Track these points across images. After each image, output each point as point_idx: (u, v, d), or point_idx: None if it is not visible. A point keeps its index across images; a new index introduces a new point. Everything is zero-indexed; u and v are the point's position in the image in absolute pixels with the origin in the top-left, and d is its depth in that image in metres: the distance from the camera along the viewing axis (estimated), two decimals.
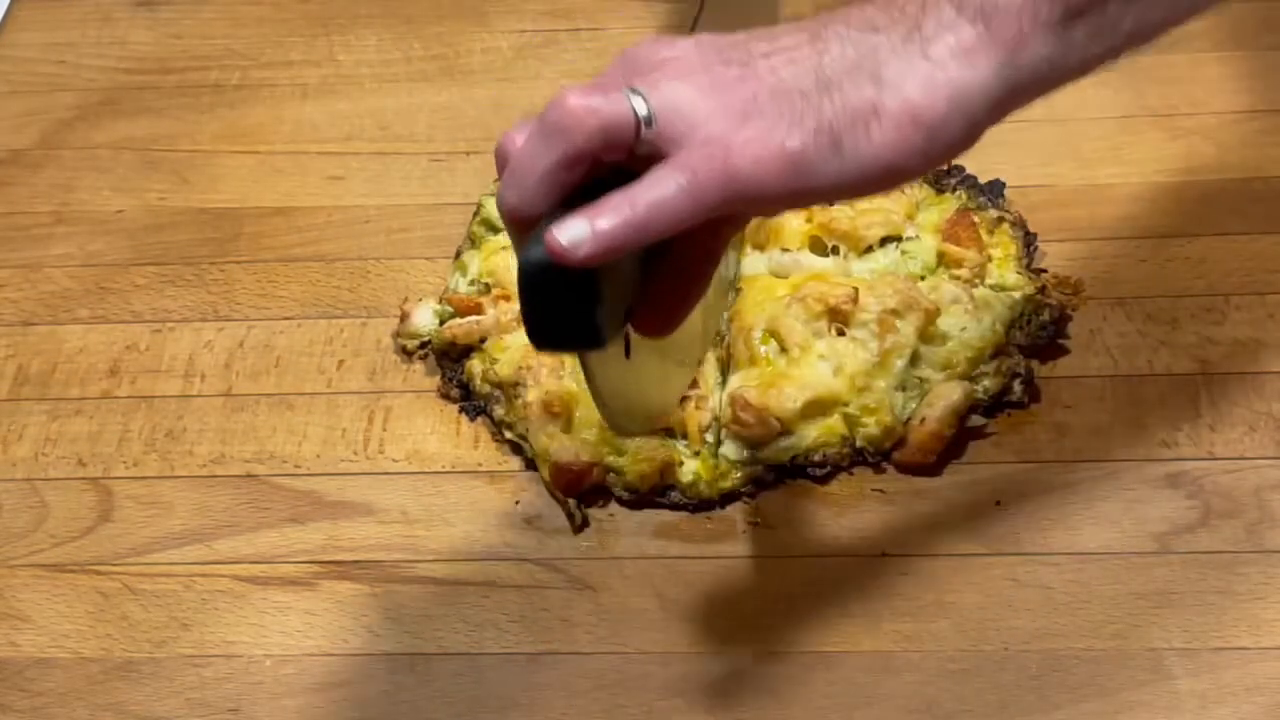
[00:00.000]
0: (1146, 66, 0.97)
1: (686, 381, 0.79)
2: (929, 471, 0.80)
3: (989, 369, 0.82)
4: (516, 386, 0.82)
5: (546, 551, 0.78)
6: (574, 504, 0.80)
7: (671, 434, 0.80)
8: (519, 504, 0.81)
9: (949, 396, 0.80)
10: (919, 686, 0.72)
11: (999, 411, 0.82)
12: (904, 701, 0.72)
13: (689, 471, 0.79)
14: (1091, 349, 0.84)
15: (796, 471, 0.80)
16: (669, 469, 0.79)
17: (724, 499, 0.80)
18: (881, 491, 0.80)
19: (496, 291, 0.87)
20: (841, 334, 0.81)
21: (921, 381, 0.81)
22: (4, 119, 1.04)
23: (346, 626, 0.76)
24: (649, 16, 1.06)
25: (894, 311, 0.81)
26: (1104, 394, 0.82)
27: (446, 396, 0.86)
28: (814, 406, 0.80)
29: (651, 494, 0.80)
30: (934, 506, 0.79)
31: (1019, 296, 0.84)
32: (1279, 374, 0.82)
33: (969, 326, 0.82)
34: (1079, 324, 0.85)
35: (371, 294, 0.91)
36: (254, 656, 0.76)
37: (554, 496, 0.80)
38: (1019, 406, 0.82)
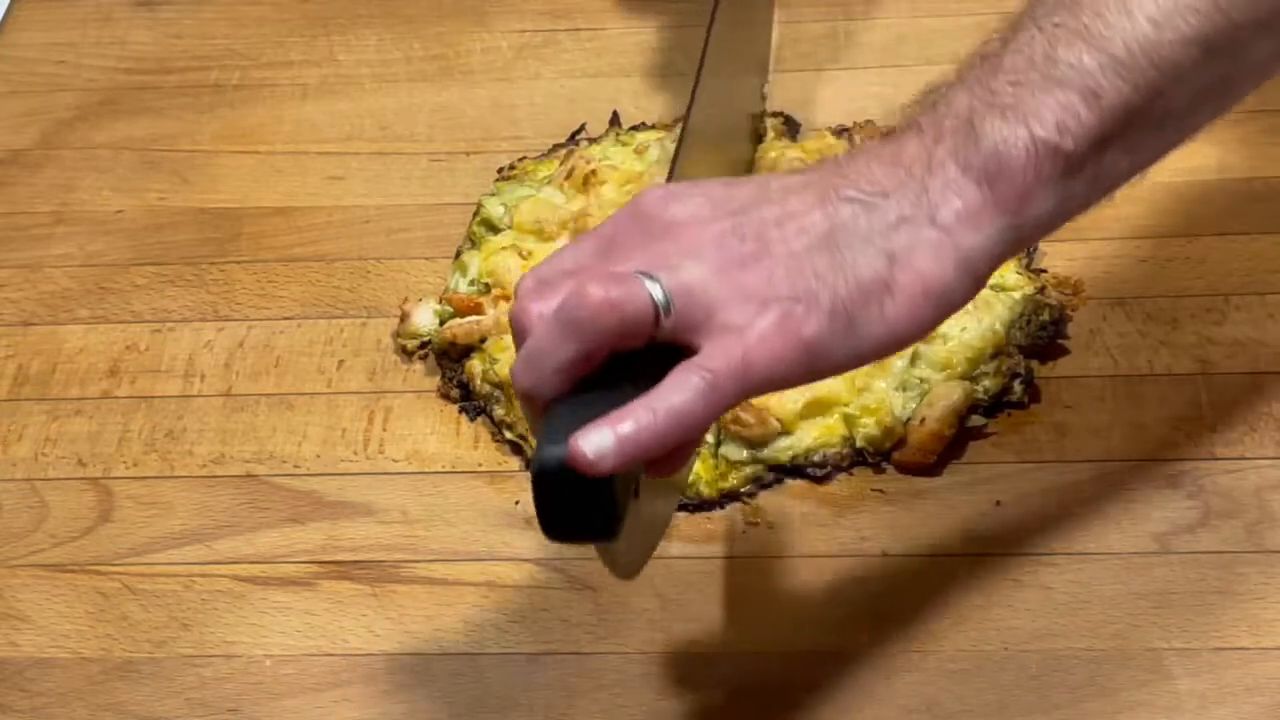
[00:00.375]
0: None
1: (683, 488, 0.79)
2: (929, 471, 0.80)
3: (989, 369, 0.82)
4: None
5: (546, 551, 0.78)
6: None
7: None
8: (519, 504, 0.81)
9: (949, 396, 0.80)
10: (919, 686, 0.72)
11: (999, 411, 0.82)
12: (904, 701, 0.72)
13: (689, 471, 0.79)
14: (1091, 349, 0.84)
15: (796, 471, 0.80)
16: None
17: (724, 499, 0.80)
18: (881, 491, 0.79)
19: (496, 291, 0.87)
20: None
21: (921, 381, 0.81)
22: (4, 119, 1.04)
23: (346, 626, 0.76)
24: (649, 16, 1.05)
25: None
26: (1104, 394, 0.82)
27: (446, 396, 0.86)
28: (814, 406, 0.80)
29: None
30: (934, 506, 0.79)
31: (1019, 296, 0.84)
32: (1279, 374, 0.82)
33: (969, 326, 0.82)
34: (1079, 324, 0.85)
35: (371, 294, 0.91)
36: (254, 656, 0.76)
37: None
38: (1019, 406, 0.82)
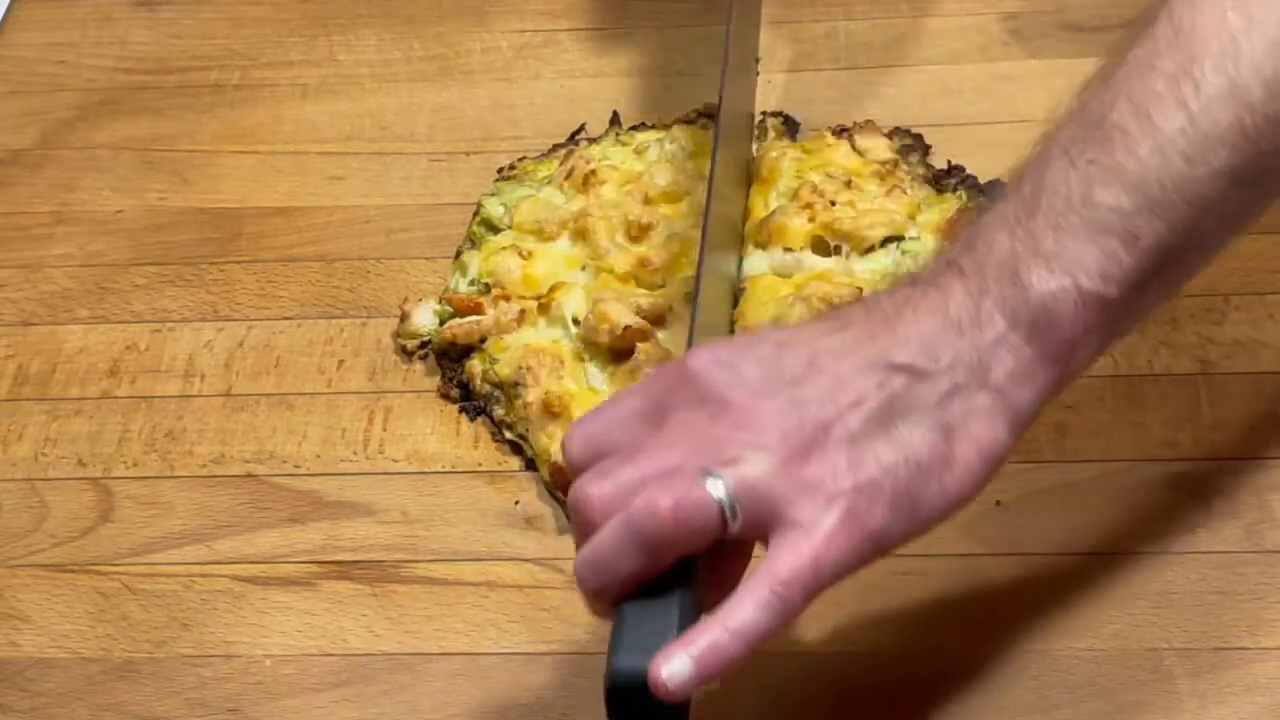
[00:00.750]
0: None
1: None
2: None
3: None
4: (516, 386, 0.82)
5: (546, 551, 0.78)
6: None
7: None
8: (519, 504, 0.81)
9: None
10: (919, 686, 0.72)
11: None
12: (904, 701, 0.72)
13: None
14: None
15: None
16: None
17: None
18: None
19: (496, 291, 0.87)
20: None
21: None
22: (4, 119, 1.04)
23: (346, 626, 0.76)
24: (649, 16, 1.05)
25: None
26: (1104, 394, 0.82)
27: (446, 396, 0.86)
28: None
29: None
30: None
31: None
32: (1279, 374, 0.82)
33: None
34: None
35: (371, 294, 0.91)
36: (254, 656, 0.76)
37: (554, 496, 0.80)
38: None
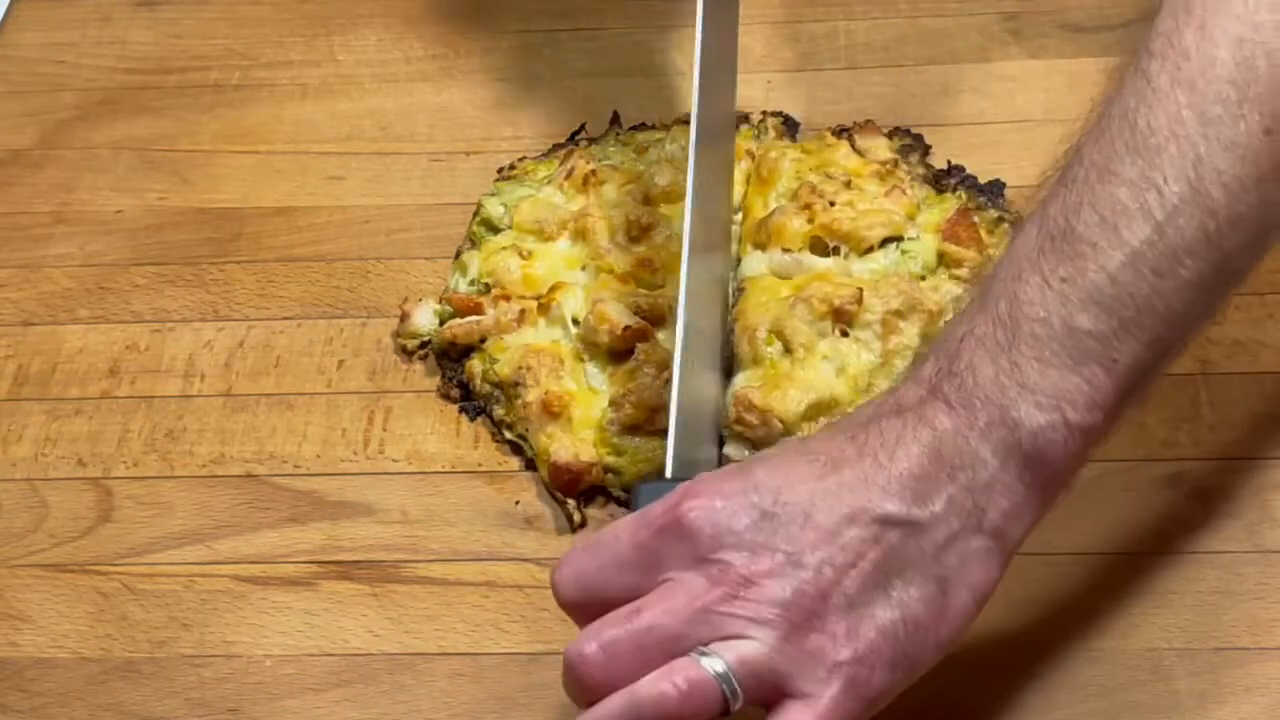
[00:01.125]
0: None
1: None
2: None
3: None
4: (516, 386, 0.82)
5: (546, 551, 0.78)
6: (573, 504, 0.80)
7: None
8: (519, 504, 0.81)
9: None
10: (918, 686, 0.72)
11: None
12: (903, 701, 0.71)
13: None
14: None
15: None
16: None
17: None
18: None
19: (496, 291, 0.87)
20: (845, 335, 0.81)
21: None
22: (4, 119, 1.04)
23: (346, 626, 0.76)
24: (649, 16, 1.05)
25: (897, 313, 0.81)
26: None
27: (446, 396, 0.86)
28: (817, 408, 0.79)
29: None
30: None
31: None
32: (1279, 374, 0.82)
33: None
34: None
35: (371, 294, 0.91)
36: (254, 656, 0.76)
37: (554, 496, 0.80)
38: None
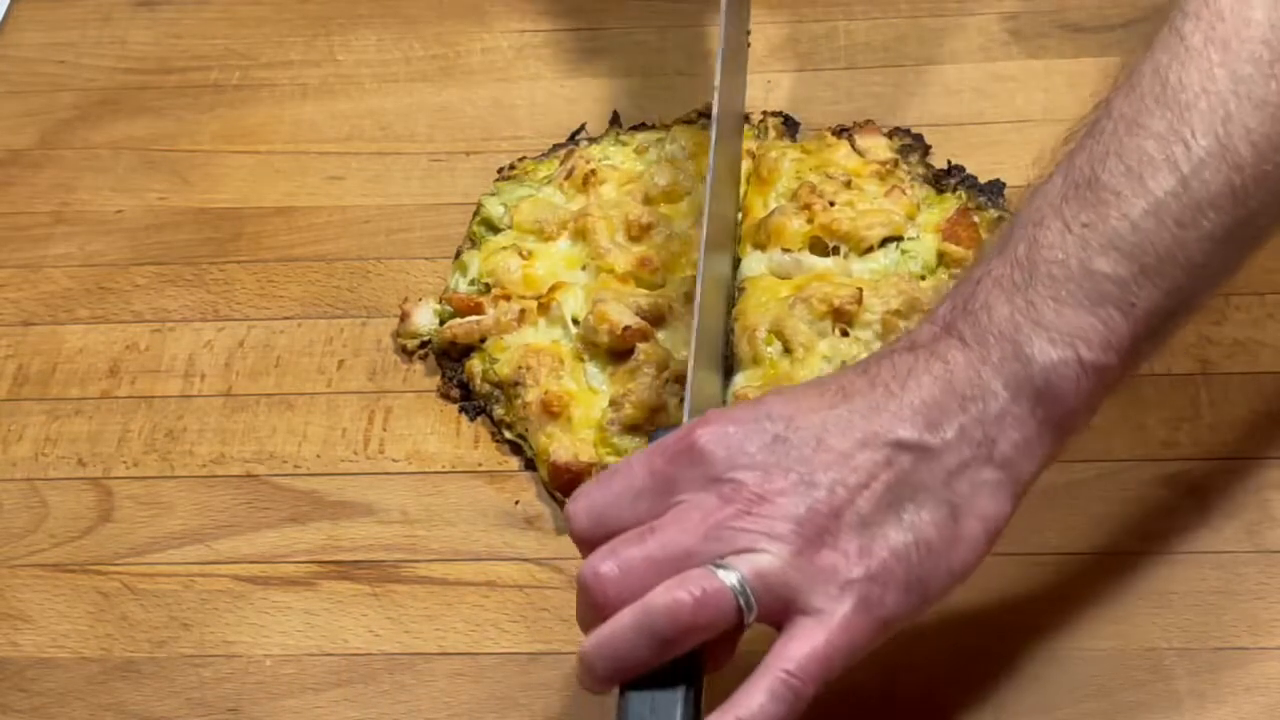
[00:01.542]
0: None
1: None
2: None
3: None
4: (516, 386, 0.82)
5: (546, 551, 0.78)
6: None
7: None
8: (519, 504, 0.81)
9: None
10: (918, 686, 0.72)
11: None
12: (903, 701, 0.72)
13: None
14: None
15: None
16: None
17: None
18: None
19: (496, 291, 0.87)
20: (845, 335, 0.81)
21: None
22: (4, 119, 1.04)
23: (346, 626, 0.76)
24: (649, 16, 1.05)
25: (897, 312, 0.81)
26: None
27: (446, 396, 0.86)
28: None
29: None
30: None
31: None
32: (1279, 374, 0.82)
33: None
34: None
35: (371, 294, 0.91)
36: (254, 656, 0.76)
37: (553, 496, 0.80)
38: None
